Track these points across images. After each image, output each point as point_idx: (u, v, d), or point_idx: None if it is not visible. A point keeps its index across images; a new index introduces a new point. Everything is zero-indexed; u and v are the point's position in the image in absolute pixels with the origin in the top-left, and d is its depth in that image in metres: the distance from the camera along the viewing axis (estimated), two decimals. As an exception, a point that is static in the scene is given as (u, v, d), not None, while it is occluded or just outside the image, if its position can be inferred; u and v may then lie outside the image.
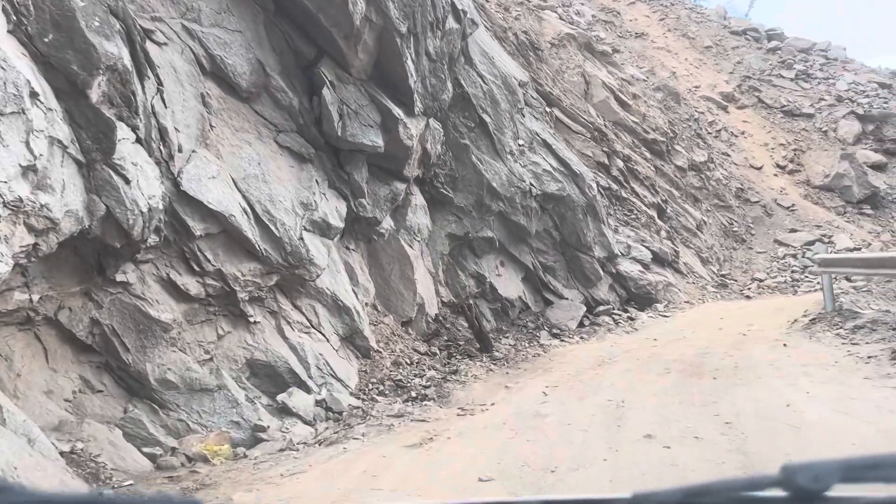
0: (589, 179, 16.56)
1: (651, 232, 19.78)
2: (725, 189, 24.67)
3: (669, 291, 18.44)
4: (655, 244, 19.29)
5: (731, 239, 23.47)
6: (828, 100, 30.48)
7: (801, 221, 24.35)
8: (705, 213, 23.21)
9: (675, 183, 22.65)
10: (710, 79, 31.58)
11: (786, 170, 27.27)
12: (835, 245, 22.74)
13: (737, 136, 28.79)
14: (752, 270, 22.14)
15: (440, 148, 12.97)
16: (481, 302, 14.82)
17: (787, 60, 32.42)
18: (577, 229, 16.00)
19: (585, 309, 15.91)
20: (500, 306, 15.00)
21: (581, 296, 16.39)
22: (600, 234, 16.85)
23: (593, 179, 17.01)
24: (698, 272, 20.80)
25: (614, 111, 21.86)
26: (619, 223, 19.06)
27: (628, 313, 16.92)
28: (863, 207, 25.78)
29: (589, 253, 16.40)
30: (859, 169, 26.33)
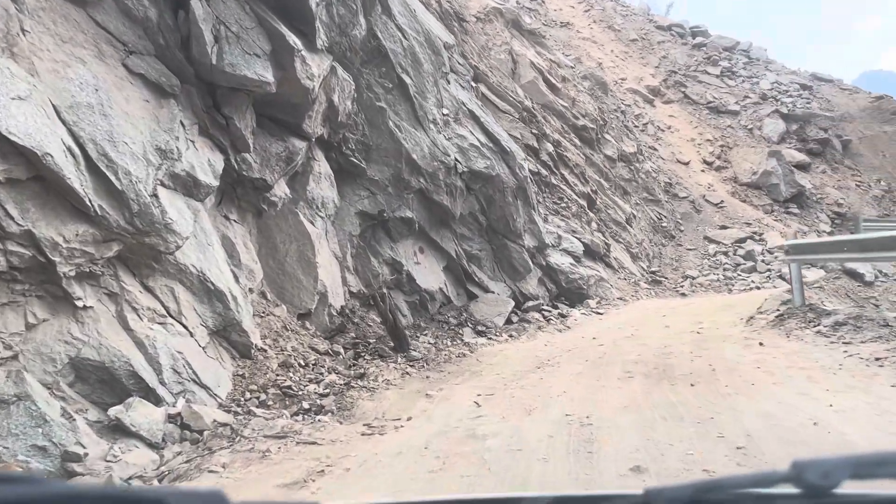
0: (520, 159, 14.73)
1: (582, 223, 18.19)
2: (655, 183, 23.49)
3: (601, 287, 16.87)
4: (587, 236, 17.71)
5: (661, 235, 22.26)
6: (752, 98, 30.02)
7: (730, 218, 23.44)
8: (634, 206, 21.90)
9: (605, 173, 21.22)
10: (636, 72, 30.60)
11: (713, 166, 26.43)
12: (766, 243, 21.85)
13: (663, 130, 27.82)
14: (683, 268, 20.95)
15: (351, 105, 10.80)
16: (397, 293, 12.72)
17: (713, 57, 31.87)
18: (507, 214, 14.12)
19: (513, 304, 14.06)
20: (418, 299, 12.94)
21: (509, 289, 14.52)
22: (531, 221, 15.05)
23: (525, 159, 15.20)
24: (629, 268, 19.38)
25: (543, 93, 20.21)
26: (548, 212, 17.36)
27: (559, 309, 15.20)
28: (789, 206, 25.18)
29: (518, 241, 14.56)
30: (786, 167, 25.75)
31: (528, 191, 14.73)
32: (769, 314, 10.85)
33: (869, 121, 30.73)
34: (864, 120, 30.70)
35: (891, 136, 30.33)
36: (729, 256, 21.16)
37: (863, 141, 30.09)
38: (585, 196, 19.11)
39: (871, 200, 27.08)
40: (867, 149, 29.91)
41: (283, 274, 9.94)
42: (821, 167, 27.91)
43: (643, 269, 20.15)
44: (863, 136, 30.19)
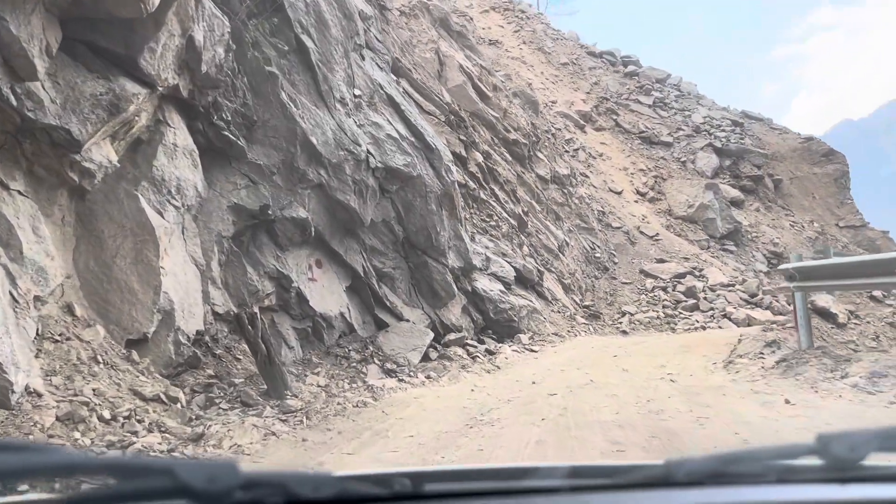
0: (447, 160, 12.17)
1: (513, 245, 15.74)
2: (588, 210, 21.44)
3: (534, 320, 14.38)
4: (518, 260, 15.25)
5: (594, 266, 20.11)
6: (685, 130, 28.75)
7: (666, 252, 21.59)
8: (567, 233, 19.70)
9: (536, 194, 18.96)
10: (567, 96, 28.89)
11: (646, 197, 24.72)
12: (707, 280, 20.03)
13: (595, 157, 26.01)
14: (619, 302, 18.79)
15: (224, 55, 7.94)
16: (283, 317, 9.79)
17: (646, 86, 30.59)
18: (429, 225, 11.47)
19: (432, 336, 11.35)
20: (310, 326, 10.05)
21: (427, 318, 11.81)
22: (457, 237, 12.44)
23: (452, 162, 12.64)
24: (561, 300, 17.04)
25: (472, 100, 17.83)
26: (476, 230, 14.84)
27: (486, 345, 12.60)
28: (725, 243, 23.64)
29: (441, 260, 11.91)
30: (723, 202, 24.30)
31: (456, 200, 12.15)
32: (754, 358, 8.55)
33: (799, 161, 30.00)
34: (795, 160, 29.95)
35: (820, 178, 29.63)
36: (668, 292, 19.17)
37: (793, 181, 29.26)
38: (516, 216, 16.71)
39: (805, 241, 25.97)
40: (798, 190, 29.07)
41: (109, 281, 6.90)
42: (754, 205, 26.72)
43: (576, 301, 17.86)
44: (793, 176, 29.37)
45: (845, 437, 0.97)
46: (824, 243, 25.83)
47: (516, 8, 34.15)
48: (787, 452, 1.04)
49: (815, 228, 26.99)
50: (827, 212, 28.88)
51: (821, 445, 0.97)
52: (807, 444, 0.98)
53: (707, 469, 1.00)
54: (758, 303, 19.18)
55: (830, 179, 29.95)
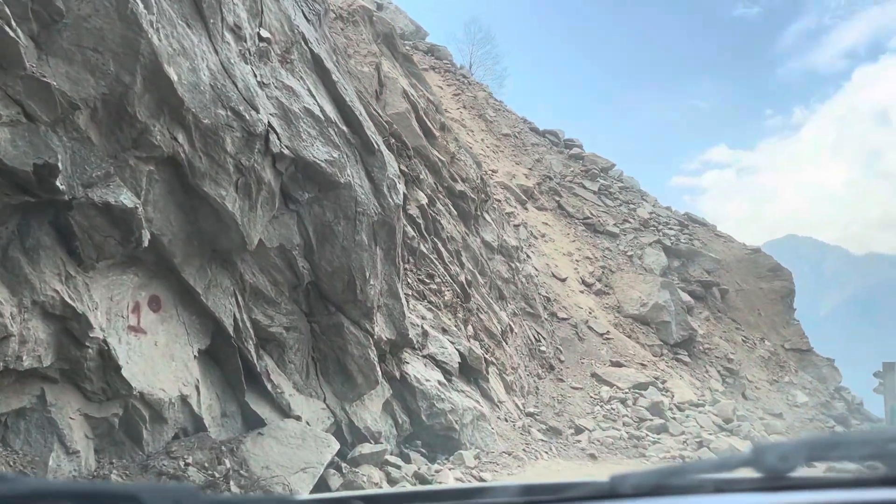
0: (392, 173, 8.04)
1: (457, 320, 11.58)
2: (535, 292, 17.64)
3: (480, 430, 10.09)
4: (463, 342, 11.07)
5: (538, 362, 16.13)
6: (632, 223, 25.91)
7: (619, 355, 17.92)
8: (511, 316, 15.74)
9: (481, 264, 15.01)
10: (509, 168, 25.67)
11: (593, 289, 21.25)
12: (673, 395, 16.37)
13: (537, 237, 22.54)
14: (569, 413, 14.76)
15: None
16: (64, 393, 5.17)
17: (591, 171, 27.85)
18: (354, 266, 7.16)
19: (337, 448, 6.84)
20: (119, 414, 5.43)
21: (330, 416, 7.33)
22: (392, 295, 8.18)
23: (399, 178, 8.49)
24: (505, 402, 12.87)
25: (416, 134, 13.96)
26: (412, 293, 10.62)
27: (414, 465, 8.20)
28: (678, 352, 20.28)
29: (364, 325, 7.55)
30: (679, 304, 21.12)
31: (397, 235, 7.96)
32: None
33: (745, 273, 27.63)
34: (741, 272, 27.56)
35: (766, 294, 27.26)
36: (629, 406, 15.33)
37: (739, 294, 26.71)
38: (461, 286, 12.62)
39: (757, 360, 23.06)
40: (743, 303, 26.48)
41: None
42: (704, 313, 23.77)
43: (518, 406, 13.71)
44: (739, 288, 26.85)
45: (777, 447, 1.02)
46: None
47: (458, 72, 31.33)
48: (724, 464, 1.10)
49: (766, 347, 24.25)
50: (773, 331, 26.31)
51: (755, 457, 1.03)
52: (742, 456, 1.03)
53: (649, 482, 1.05)
54: (734, 430, 15.68)
55: (777, 297, 27.64)
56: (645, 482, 1.06)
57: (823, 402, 22.14)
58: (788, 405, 21.08)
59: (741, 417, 16.21)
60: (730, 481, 1.10)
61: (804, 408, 21.26)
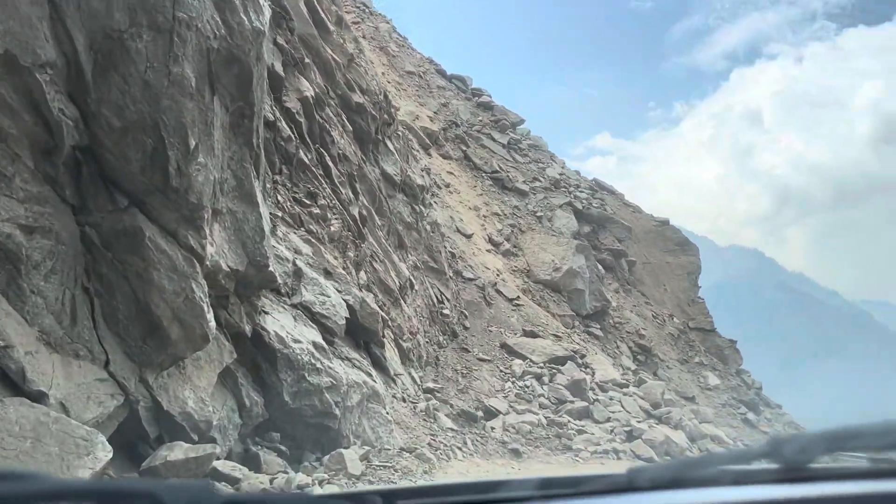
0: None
1: (347, 263, 8.43)
2: (440, 245, 14.73)
3: (371, 416, 7.08)
4: (354, 291, 7.96)
5: (439, 328, 13.27)
6: (542, 182, 23.48)
7: (532, 324, 15.37)
8: (412, 270, 12.76)
9: (379, 201, 11.90)
10: (412, 107, 22.55)
11: (501, 249, 18.62)
12: (594, 373, 13.97)
13: (441, 187, 19.63)
14: (475, 389, 12.02)
15: None
16: None
17: (502, 122, 25.17)
18: (166, 123, 3.87)
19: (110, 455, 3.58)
20: None
21: (116, 392, 4.04)
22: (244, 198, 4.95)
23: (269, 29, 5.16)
24: (402, 376, 9.92)
25: (304, 19, 10.57)
26: (285, 216, 7.37)
27: (263, 472, 5.04)
28: (590, 324, 18.04)
29: (185, 237, 4.28)
30: (594, 270, 18.86)
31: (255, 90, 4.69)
32: None
33: (652, 246, 25.98)
34: (648, 244, 25.89)
35: (673, 269, 25.75)
36: (545, 384, 12.76)
37: (645, 267, 25.01)
38: (354, 220, 9.46)
39: (667, 338, 21.32)
40: (649, 277, 24.82)
41: None
42: (613, 284, 21.75)
43: (415, 380, 10.82)
44: (646, 261, 25.15)
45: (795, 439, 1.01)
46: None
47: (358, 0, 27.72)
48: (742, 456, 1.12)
49: (675, 325, 22.63)
50: (678, 308, 24.82)
51: (773, 448, 1.02)
52: (760, 448, 1.03)
53: (667, 474, 1.04)
54: (664, 417, 13.48)
55: (683, 273, 26.18)
56: (662, 475, 1.05)
57: (734, 385, 20.71)
58: (700, 387, 19.41)
59: (668, 402, 14.07)
60: (748, 473, 1.07)
61: (716, 391, 19.68)
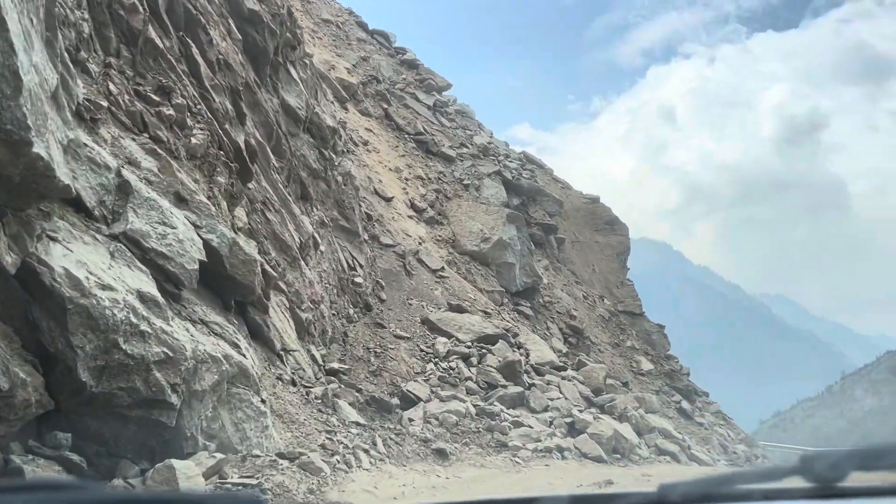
0: None
1: (215, 191, 6.12)
2: (354, 201, 12.49)
3: (235, 406, 4.89)
4: (222, 230, 5.69)
5: (349, 298, 11.09)
6: (470, 149, 21.49)
7: (457, 297, 13.38)
8: (318, 227, 10.50)
9: (276, 137, 9.58)
10: (327, 56, 20.11)
11: (424, 216, 16.53)
12: (529, 354, 12.09)
13: (358, 144, 17.35)
14: (391, 372, 9.92)
15: None
16: None
17: (428, 82, 23.02)
18: None
19: None
20: None
21: None
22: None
23: None
24: (296, 354, 7.70)
25: None
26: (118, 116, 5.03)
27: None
28: (520, 302, 16.22)
29: None
30: (526, 243, 17.05)
31: None
32: None
33: (582, 225, 24.46)
34: (578, 222, 24.34)
35: (602, 249, 24.32)
36: (473, 366, 10.78)
37: (574, 246, 23.44)
38: (238, 150, 7.13)
39: (598, 320, 19.79)
40: (578, 256, 23.26)
41: None
42: (543, 261, 20.03)
43: (316, 359, 8.62)
44: (575, 239, 23.59)
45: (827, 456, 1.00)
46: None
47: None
48: (773, 473, 1.07)
49: (606, 307, 21.16)
50: (606, 290, 23.41)
51: (804, 465, 1.00)
52: (791, 465, 1.01)
53: (697, 492, 1.03)
54: (607, 406, 11.73)
55: (613, 253, 24.80)
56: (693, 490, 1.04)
57: (667, 370, 19.39)
58: (633, 373, 17.95)
59: (610, 387, 12.37)
60: (779, 491, 1.06)
61: (649, 376, 18.28)
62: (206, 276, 5.29)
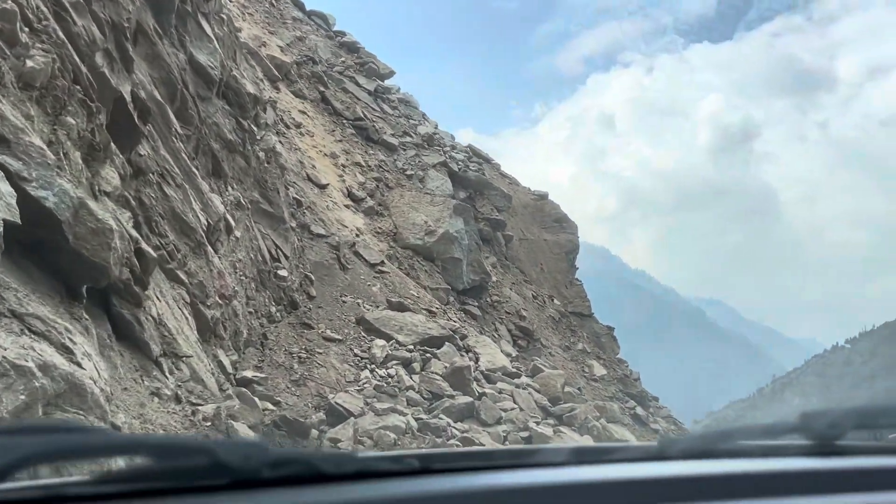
0: None
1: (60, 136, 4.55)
2: (279, 181, 10.91)
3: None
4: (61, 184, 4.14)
5: (272, 293, 9.52)
6: (414, 138, 20.09)
7: (398, 294, 11.92)
8: (234, 209, 8.90)
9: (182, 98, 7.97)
10: (258, 32, 18.41)
11: (363, 206, 15.02)
12: (479, 358, 10.71)
13: (290, 127, 15.74)
14: (319, 380, 8.42)
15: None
16: None
17: (369, 66, 21.50)
18: None
19: None
20: None
21: None
22: None
23: None
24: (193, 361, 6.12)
25: None
26: None
27: None
28: (467, 301, 14.88)
29: None
30: (474, 237, 15.72)
31: None
32: None
33: (529, 222, 23.31)
34: (526, 219, 23.18)
35: (551, 247, 23.22)
36: (415, 373, 9.35)
37: (522, 243, 22.27)
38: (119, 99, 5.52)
39: (548, 322, 18.61)
40: (526, 254, 22.10)
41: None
42: (491, 258, 18.75)
43: (223, 366, 7.06)
44: (523, 237, 22.41)
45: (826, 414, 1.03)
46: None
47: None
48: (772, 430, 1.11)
49: (556, 307, 20.02)
50: (555, 290, 22.32)
51: (803, 423, 1.03)
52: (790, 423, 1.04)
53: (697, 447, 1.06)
54: (566, 417, 10.39)
55: (561, 252, 23.73)
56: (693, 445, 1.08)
57: (620, 375, 18.34)
58: (586, 378, 16.82)
59: (568, 396, 11.11)
60: (777, 447, 1.08)
61: (602, 382, 17.18)
62: (37, 249, 3.75)
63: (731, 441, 1.07)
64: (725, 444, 1.07)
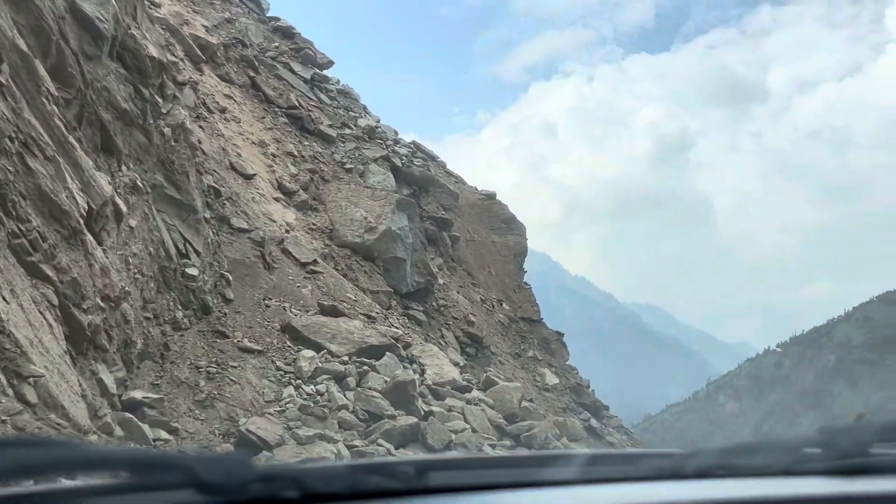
0: None
1: None
2: (190, 165, 9.32)
3: None
4: None
5: (178, 295, 7.96)
6: (354, 130, 18.64)
7: (332, 298, 10.46)
8: (126, 191, 7.33)
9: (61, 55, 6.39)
10: (179, 9, 16.70)
11: (295, 199, 13.50)
12: (425, 370, 9.34)
13: (213, 111, 14.11)
14: (230, 402, 6.92)
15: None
16: None
17: (305, 52, 19.96)
18: None
19: None
20: None
21: None
22: None
23: None
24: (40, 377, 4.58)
25: None
26: None
27: None
28: (411, 305, 13.51)
29: None
30: (419, 235, 14.37)
31: None
32: None
33: (477, 223, 22.11)
34: (472, 220, 21.97)
35: (499, 249, 22.07)
36: (351, 389, 7.92)
37: (469, 245, 21.04)
38: None
39: (497, 327, 17.39)
40: (473, 256, 20.88)
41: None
42: (437, 260, 17.44)
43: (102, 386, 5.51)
44: (470, 238, 21.19)
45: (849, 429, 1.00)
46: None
47: None
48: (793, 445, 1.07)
49: (506, 312, 18.83)
50: (503, 294, 21.15)
51: (825, 438, 1.00)
52: (811, 437, 1.01)
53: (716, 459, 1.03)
54: (523, 437, 9.09)
55: (510, 254, 22.59)
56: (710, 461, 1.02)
57: (572, 384, 17.24)
58: (538, 388, 15.65)
59: (526, 412, 9.85)
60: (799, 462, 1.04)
61: (554, 392, 16.04)
62: None
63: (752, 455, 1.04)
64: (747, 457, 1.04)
